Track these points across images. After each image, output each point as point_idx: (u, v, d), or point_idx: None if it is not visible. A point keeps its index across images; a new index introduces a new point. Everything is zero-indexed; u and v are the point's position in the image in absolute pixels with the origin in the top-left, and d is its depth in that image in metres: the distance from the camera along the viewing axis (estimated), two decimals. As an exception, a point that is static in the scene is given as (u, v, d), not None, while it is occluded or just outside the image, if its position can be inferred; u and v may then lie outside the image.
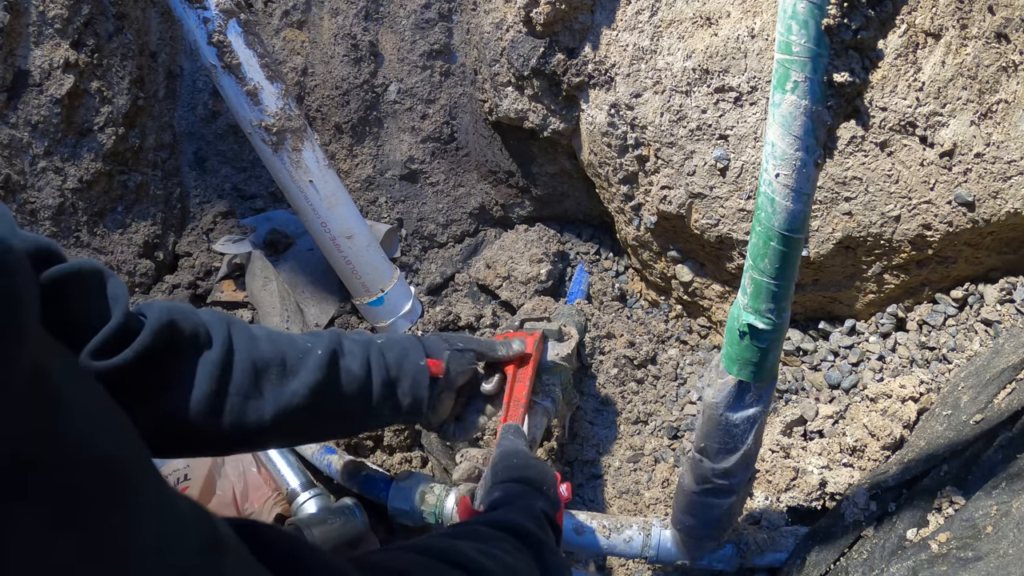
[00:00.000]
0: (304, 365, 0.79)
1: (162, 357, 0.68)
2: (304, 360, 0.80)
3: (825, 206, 1.13)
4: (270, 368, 0.77)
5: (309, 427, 0.84)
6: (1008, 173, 1.03)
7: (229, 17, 1.15)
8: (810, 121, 0.56)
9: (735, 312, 0.69)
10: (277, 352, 0.78)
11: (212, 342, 0.74)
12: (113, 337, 0.65)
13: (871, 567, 0.79)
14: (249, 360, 0.75)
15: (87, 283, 0.65)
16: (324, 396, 0.81)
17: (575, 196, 1.60)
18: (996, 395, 0.89)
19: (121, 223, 1.43)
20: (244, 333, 0.78)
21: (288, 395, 0.77)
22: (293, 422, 0.78)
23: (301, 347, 0.81)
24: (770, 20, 1.09)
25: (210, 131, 1.61)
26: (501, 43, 1.37)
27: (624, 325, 1.41)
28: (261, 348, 0.77)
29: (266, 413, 0.75)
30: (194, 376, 0.71)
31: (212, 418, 0.72)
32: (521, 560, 0.59)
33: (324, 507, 1.10)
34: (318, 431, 0.89)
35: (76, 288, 0.64)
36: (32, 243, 0.61)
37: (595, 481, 1.24)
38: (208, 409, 0.71)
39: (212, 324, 0.75)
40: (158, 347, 0.67)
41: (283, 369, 0.78)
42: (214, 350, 0.73)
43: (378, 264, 1.40)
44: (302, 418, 0.79)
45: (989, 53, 1.01)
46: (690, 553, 0.92)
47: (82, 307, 0.64)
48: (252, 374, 0.75)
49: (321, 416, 0.82)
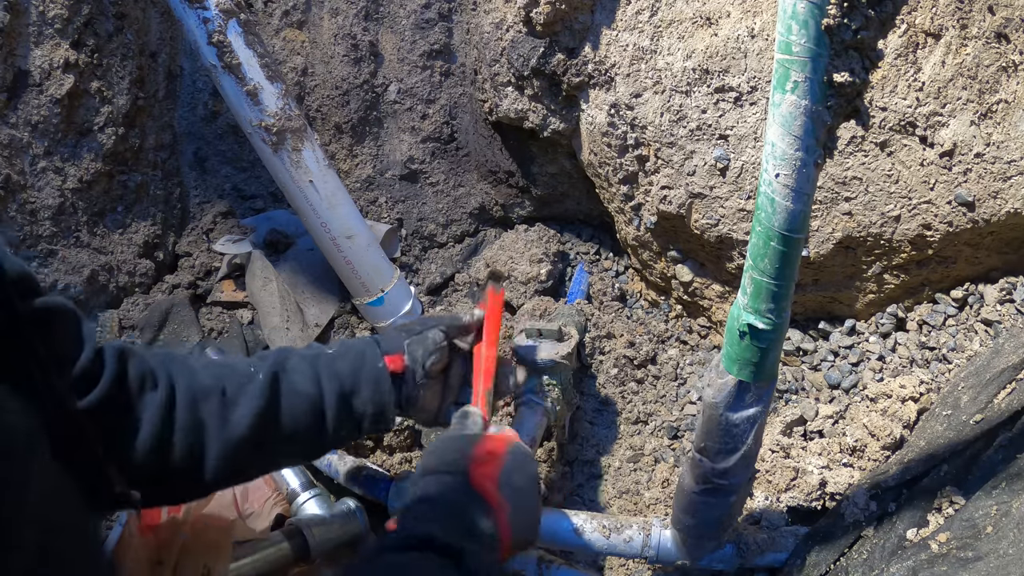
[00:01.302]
0: (244, 392, 0.75)
1: (116, 403, 0.67)
2: (245, 387, 0.76)
3: (825, 206, 1.13)
4: (210, 399, 0.73)
5: (261, 457, 0.79)
6: (1008, 173, 1.03)
7: (229, 17, 1.15)
8: (810, 121, 0.56)
9: (735, 312, 0.69)
10: (217, 383, 0.74)
11: (157, 383, 0.71)
12: (82, 378, 0.64)
13: (871, 567, 0.79)
14: (189, 394, 0.72)
15: (67, 319, 0.65)
16: (270, 422, 0.76)
17: (575, 196, 1.60)
18: (996, 395, 0.89)
19: (121, 223, 1.43)
20: (183, 368, 0.74)
21: (232, 426, 0.73)
22: (243, 455, 0.74)
23: (243, 373, 0.77)
24: (770, 20, 1.09)
25: (210, 131, 1.61)
26: (501, 43, 1.37)
27: (624, 325, 1.41)
28: (200, 380, 0.74)
29: (212, 449, 0.72)
30: (141, 419, 0.69)
31: (162, 460, 0.69)
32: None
33: (324, 507, 1.10)
34: (271, 461, 0.84)
35: (57, 323, 0.63)
36: (18, 270, 0.59)
37: (595, 481, 1.24)
38: (157, 450, 0.69)
39: (156, 365, 0.73)
40: (114, 394, 0.66)
41: (222, 400, 0.74)
42: (159, 391, 0.71)
43: (378, 264, 1.40)
44: (251, 449, 0.75)
45: (989, 53, 1.01)
46: (690, 553, 0.92)
47: (55, 346, 0.62)
48: (192, 407, 0.72)
49: (271, 444, 0.77)
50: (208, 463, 0.72)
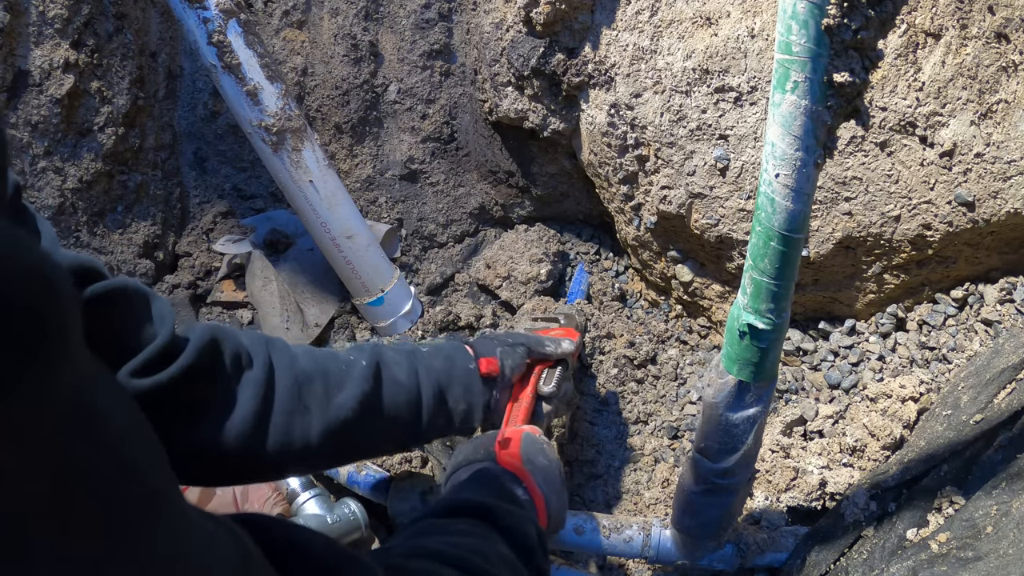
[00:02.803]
0: (350, 377, 0.77)
1: (205, 377, 0.67)
2: (349, 372, 0.77)
3: (825, 206, 1.13)
4: (314, 383, 0.75)
5: (359, 443, 0.81)
6: (1008, 173, 1.03)
7: (229, 17, 1.15)
8: (810, 121, 0.56)
9: (735, 312, 0.69)
10: (319, 367, 0.76)
11: (253, 362, 0.72)
12: (158, 356, 0.64)
13: (871, 567, 0.79)
14: (291, 377, 0.73)
15: (131, 301, 0.64)
16: (373, 408, 0.78)
17: (575, 196, 1.60)
18: (996, 395, 0.89)
19: (121, 223, 1.43)
20: (284, 351, 0.76)
21: (335, 409, 0.75)
22: (342, 438, 0.76)
23: (344, 360, 0.79)
24: (770, 20, 1.09)
25: (210, 131, 1.61)
26: (501, 43, 1.37)
27: (624, 325, 1.41)
28: (302, 364, 0.75)
29: (313, 430, 0.73)
30: (236, 397, 0.69)
31: (256, 439, 0.70)
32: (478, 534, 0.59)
33: (324, 507, 1.10)
34: (368, 447, 0.86)
35: (120, 306, 0.63)
36: (75, 261, 0.60)
37: (595, 481, 1.24)
38: (252, 430, 0.69)
39: (252, 344, 0.73)
40: (201, 366, 0.66)
41: (327, 383, 0.75)
42: (255, 370, 0.71)
43: (378, 264, 1.40)
44: (351, 433, 0.76)
45: (989, 53, 1.01)
46: (690, 553, 0.92)
47: (125, 325, 0.63)
48: (295, 391, 0.73)
49: (371, 430, 0.79)
50: (302, 445, 0.73)
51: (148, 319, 0.65)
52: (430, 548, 0.52)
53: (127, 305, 0.64)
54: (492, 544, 0.57)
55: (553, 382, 0.99)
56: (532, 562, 0.59)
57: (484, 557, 0.53)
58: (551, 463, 0.79)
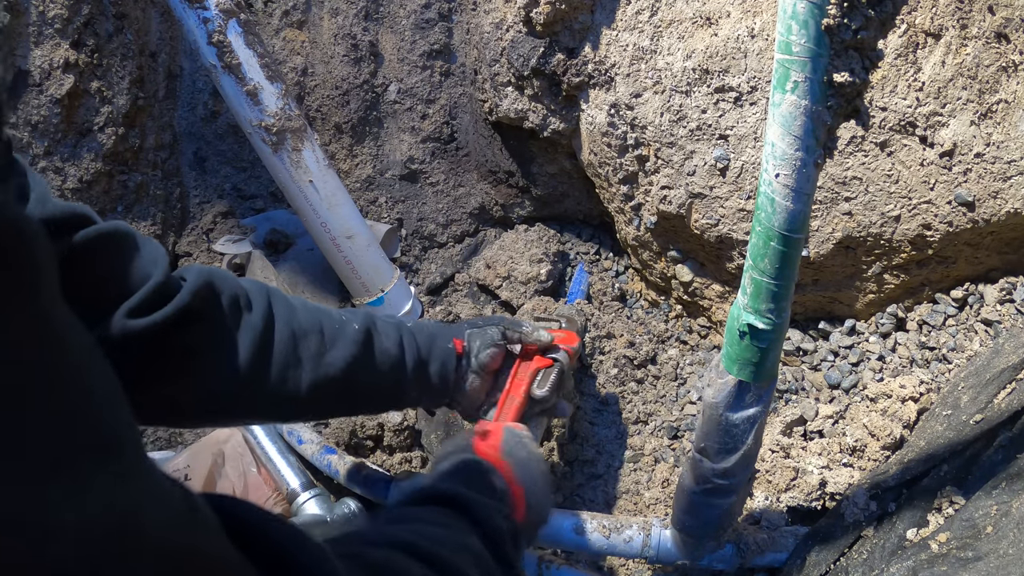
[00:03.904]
0: (342, 336, 0.80)
1: (202, 318, 0.68)
2: (342, 331, 0.80)
3: (825, 206, 1.13)
4: (309, 337, 0.77)
5: (342, 400, 0.84)
6: (1008, 173, 1.03)
7: (229, 17, 1.15)
8: (810, 121, 0.56)
9: (735, 312, 0.69)
10: (315, 322, 0.79)
11: (252, 307, 0.74)
12: (154, 295, 0.65)
13: (871, 567, 0.79)
14: (288, 328, 0.76)
15: (123, 243, 0.66)
16: (360, 369, 0.81)
17: (575, 196, 1.60)
18: (996, 395, 0.89)
19: (121, 223, 1.43)
20: (283, 301, 0.78)
21: (325, 366, 0.78)
22: (328, 394, 0.79)
23: (337, 319, 0.82)
24: (770, 20, 1.09)
25: (210, 131, 1.61)
26: (501, 43, 1.37)
27: (624, 325, 1.41)
28: (299, 317, 0.78)
29: (303, 382, 0.76)
30: (235, 340, 0.71)
31: (249, 387, 0.72)
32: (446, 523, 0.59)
33: (324, 507, 1.10)
34: (349, 405, 0.89)
35: (111, 248, 0.64)
36: (67, 208, 0.61)
37: (595, 481, 1.24)
38: (249, 375, 0.71)
39: (252, 290, 0.75)
40: (196, 306, 0.67)
41: (321, 339, 0.78)
42: (255, 315, 0.73)
43: (378, 264, 1.40)
44: (337, 390, 0.79)
45: (989, 53, 1.01)
46: (690, 553, 0.92)
47: (119, 266, 0.65)
48: (292, 342, 0.75)
49: (355, 390, 0.83)
50: (291, 395, 0.75)
51: (142, 261, 0.67)
52: (397, 537, 0.52)
53: (119, 247, 0.65)
54: (460, 535, 0.58)
55: (547, 386, 0.98)
56: (499, 551, 0.60)
57: (450, 548, 0.54)
58: (531, 456, 0.79)
